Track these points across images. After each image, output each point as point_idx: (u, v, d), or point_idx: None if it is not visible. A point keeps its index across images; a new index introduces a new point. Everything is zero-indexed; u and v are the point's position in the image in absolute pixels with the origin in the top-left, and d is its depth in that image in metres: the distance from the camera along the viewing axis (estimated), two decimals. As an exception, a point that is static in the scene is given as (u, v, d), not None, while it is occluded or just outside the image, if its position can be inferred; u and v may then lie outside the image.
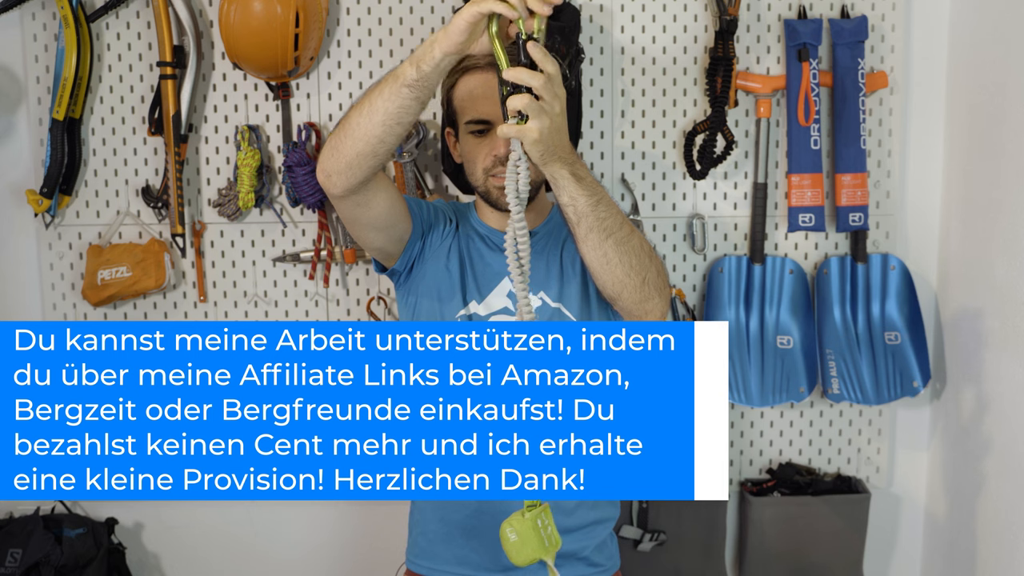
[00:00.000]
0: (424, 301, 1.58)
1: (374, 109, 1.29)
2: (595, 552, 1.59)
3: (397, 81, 1.26)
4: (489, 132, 1.53)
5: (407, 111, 1.28)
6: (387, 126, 1.30)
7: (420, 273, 1.59)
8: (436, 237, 1.59)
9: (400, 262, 1.58)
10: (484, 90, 1.51)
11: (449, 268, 1.57)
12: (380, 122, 1.29)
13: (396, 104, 1.27)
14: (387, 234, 1.54)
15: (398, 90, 1.26)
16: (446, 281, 1.57)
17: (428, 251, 1.59)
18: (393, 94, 1.27)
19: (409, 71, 1.24)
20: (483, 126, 1.52)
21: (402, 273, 1.60)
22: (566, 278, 1.58)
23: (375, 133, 1.30)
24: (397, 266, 1.59)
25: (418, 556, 1.62)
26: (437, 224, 1.60)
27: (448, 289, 1.57)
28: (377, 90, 1.29)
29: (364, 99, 1.31)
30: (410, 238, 1.56)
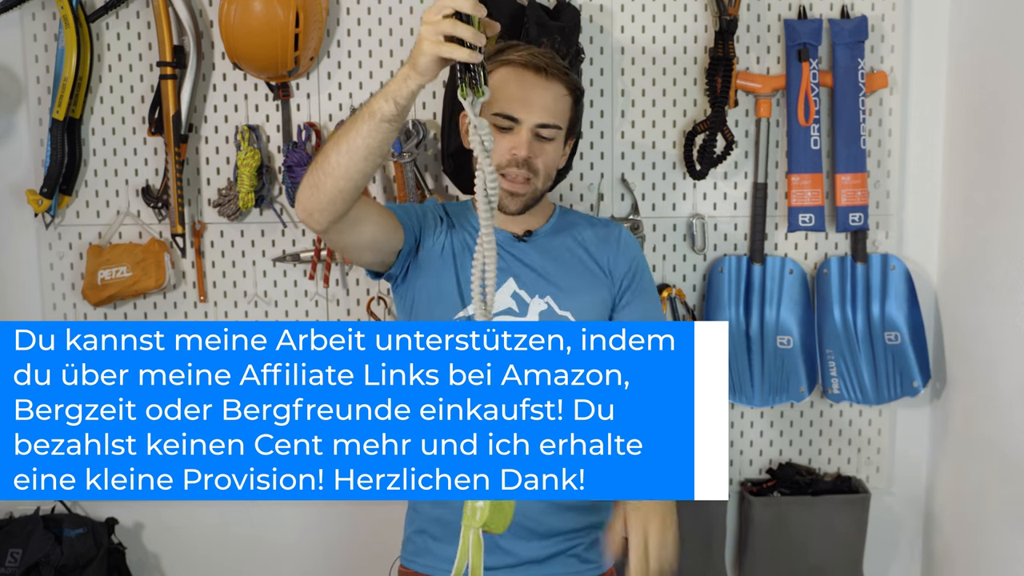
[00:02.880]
0: (422, 303, 1.58)
1: (354, 147, 1.30)
2: (587, 550, 1.59)
3: (375, 118, 1.27)
4: (513, 129, 1.53)
5: (388, 142, 1.31)
6: (370, 160, 1.32)
7: (416, 275, 1.59)
8: (429, 240, 1.59)
9: (396, 267, 1.58)
10: (519, 89, 1.52)
11: (445, 270, 1.57)
12: (362, 157, 1.31)
13: (378, 139, 1.29)
14: (380, 250, 1.54)
15: (377, 126, 1.28)
16: (443, 283, 1.57)
17: (423, 254, 1.59)
18: (373, 130, 1.28)
19: (386, 107, 1.26)
20: (509, 122, 1.53)
21: (398, 276, 1.60)
22: (574, 286, 1.58)
23: (358, 168, 1.32)
24: (393, 271, 1.59)
25: (413, 554, 1.62)
26: (427, 227, 1.60)
27: (445, 291, 1.56)
28: (354, 129, 1.30)
29: (340, 138, 1.32)
30: (403, 247, 1.56)
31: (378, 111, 1.26)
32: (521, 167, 1.53)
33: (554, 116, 1.55)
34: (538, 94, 1.53)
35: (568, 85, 1.57)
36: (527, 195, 1.56)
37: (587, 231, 1.66)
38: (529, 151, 1.53)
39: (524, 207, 1.58)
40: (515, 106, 1.52)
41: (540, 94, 1.53)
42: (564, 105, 1.57)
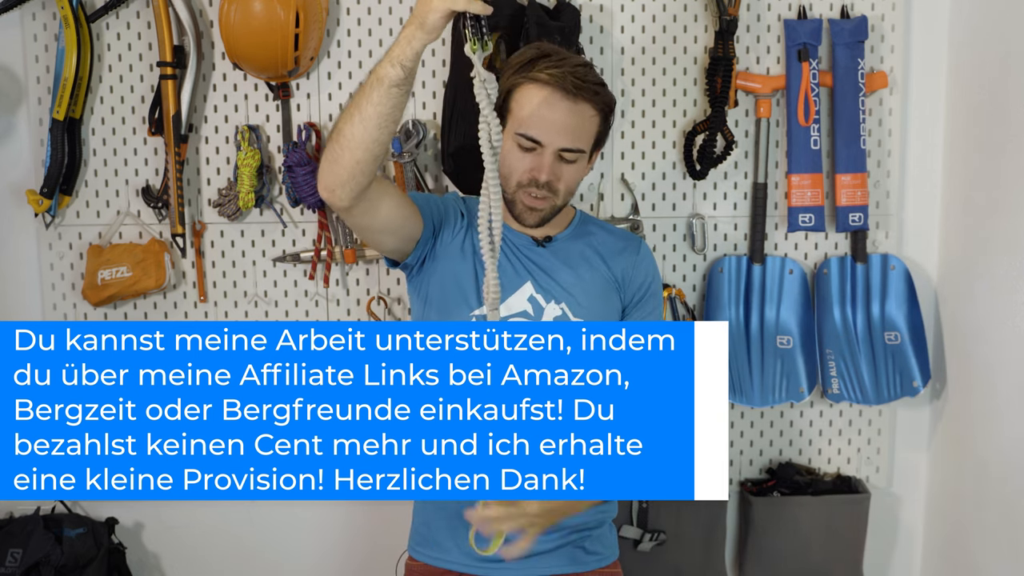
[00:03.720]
0: (436, 297, 1.58)
1: (366, 116, 1.31)
2: (593, 542, 1.60)
3: (383, 84, 1.28)
4: (536, 150, 1.50)
5: (399, 107, 1.31)
6: (383, 127, 1.32)
7: (432, 268, 1.59)
8: (448, 233, 1.59)
9: (412, 256, 1.57)
10: (546, 110, 1.48)
11: (463, 267, 1.57)
12: (376, 125, 1.31)
13: (389, 105, 1.30)
14: (399, 235, 1.54)
15: (387, 91, 1.28)
16: (460, 280, 1.57)
17: (440, 247, 1.58)
18: (383, 96, 1.29)
19: (393, 72, 1.26)
20: (532, 143, 1.50)
21: (414, 267, 1.60)
22: (589, 294, 1.59)
23: (372, 136, 1.32)
24: (410, 260, 1.58)
25: (420, 544, 1.62)
26: (447, 219, 1.60)
27: (463, 286, 1.56)
28: (364, 98, 1.30)
29: (351, 109, 1.32)
30: (422, 235, 1.56)
31: (385, 77, 1.26)
32: (541, 188, 1.51)
33: (579, 140, 1.51)
34: (563, 117, 1.48)
35: (598, 105, 1.51)
36: (545, 211, 1.56)
37: (606, 239, 1.66)
38: (550, 175, 1.51)
39: (542, 221, 1.58)
40: (539, 130, 1.48)
41: (565, 118, 1.48)
42: (592, 126, 1.53)
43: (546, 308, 1.57)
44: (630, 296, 1.63)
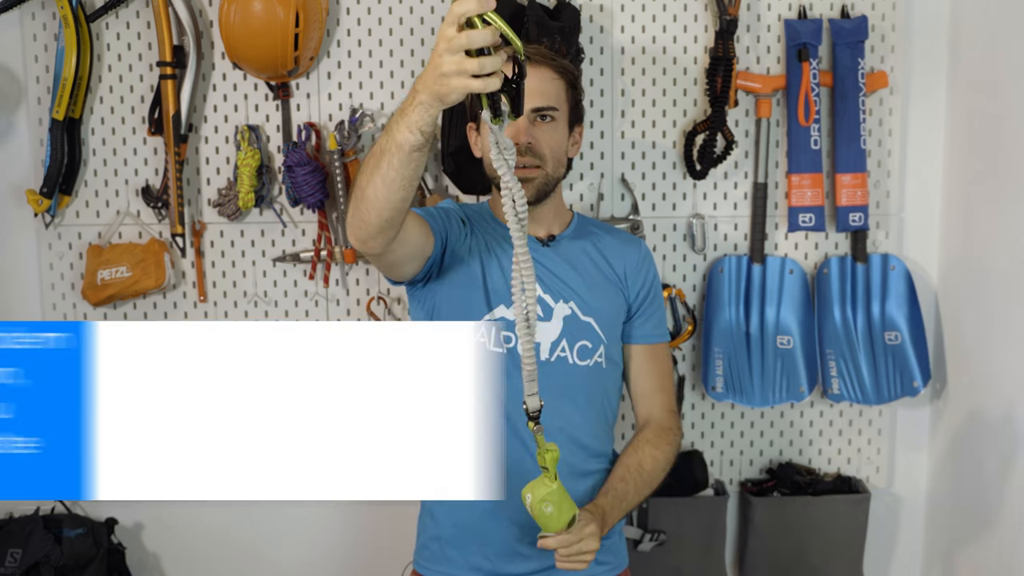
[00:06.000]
0: (445, 306, 1.58)
1: (389, 180, 1.27)
2: (604, 552, 1.59)
3: (403, 150, 1.23)
4: None
5: (421, 166, 1.28)
6: (407, 188, 1.29)
7: (440, 280, 1.58)
8: (453, 242, 1.58)
9: (421, 272, 1.57)
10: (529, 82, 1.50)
11: (471, 275, 1.57)
12: (400, 187, 1.28)
13: (412, 168, 1.26)
14: (420, 258, 1.53)
15: (408, 156, 1.24)
16: (471, 287, 1.57)
17: (448, 259, 1.58)
18: (405, 161, 1.25)
19: (412, 138, 1.21)
20: None
21: (419, 282, 1.59)
22: (596, 293, 1.59)
23: (399, 196, 1.30)
24: (418, 276, 1.57)
25: (428, 560, 1.61)
26: (452, 230, 1.59)
27: (473, 294, 1.56)
28: (385, 163, 1.26)
29: (372, 173, 1.28)
30: (432, 252, 1.55)
31: (405, 143, 1.22)
32: (525, 155, 1.53)
33: (547, 98, 1.56)
34: None
35: (557, 69, 1.58)
36: (537, 180, 1.56)
37: (607, 238, 1.68)
38: (529, 135, 1.54)
39: (538, 193, 1.57)
40: None
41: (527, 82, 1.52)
42: (556, 87, 1.58)
43: (555, 308, 1.57)
44: (634, 296, 1.64)
